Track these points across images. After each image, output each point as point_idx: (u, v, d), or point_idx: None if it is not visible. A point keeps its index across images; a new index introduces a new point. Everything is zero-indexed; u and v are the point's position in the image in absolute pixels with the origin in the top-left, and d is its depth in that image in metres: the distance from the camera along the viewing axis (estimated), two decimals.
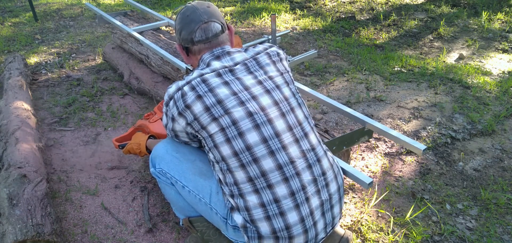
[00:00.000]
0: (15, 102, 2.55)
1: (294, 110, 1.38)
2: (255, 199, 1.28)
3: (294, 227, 1.29)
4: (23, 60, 3.40)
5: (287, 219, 1.28)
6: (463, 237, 1.85)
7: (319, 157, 1.37)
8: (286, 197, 1.28)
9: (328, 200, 1.37)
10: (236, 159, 1.29)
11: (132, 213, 1.97)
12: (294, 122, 1.36)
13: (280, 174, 1.28)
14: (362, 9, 5.61)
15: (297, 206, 1.29)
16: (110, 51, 3.45)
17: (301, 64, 3.72)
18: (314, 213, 1.32)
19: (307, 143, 1.36)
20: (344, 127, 2.72)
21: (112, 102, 3.01)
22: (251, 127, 1.29)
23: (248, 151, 1.28)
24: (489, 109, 2.92)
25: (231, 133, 1.29)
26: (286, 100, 1.37)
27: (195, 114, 1.31)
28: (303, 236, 1.31)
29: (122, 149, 1.99)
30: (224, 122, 1.29)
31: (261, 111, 1.31)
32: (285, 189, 1.28)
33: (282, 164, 1.29)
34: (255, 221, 1.29)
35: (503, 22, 4.84)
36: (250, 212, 1.29)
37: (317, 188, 1.34)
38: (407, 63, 3.74)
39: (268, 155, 1.28)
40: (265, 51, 1.47)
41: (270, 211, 1.28)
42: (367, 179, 1.51)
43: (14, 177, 1.80)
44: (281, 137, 1.31)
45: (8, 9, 5.67)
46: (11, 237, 1.52)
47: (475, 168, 2.32)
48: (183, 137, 1.47)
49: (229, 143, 1.29)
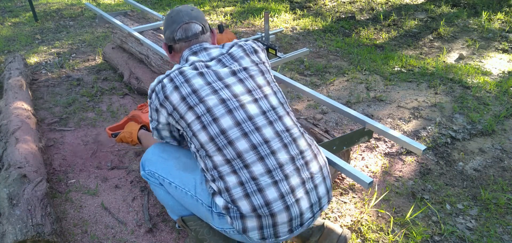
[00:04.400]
0: (15, 102, 2.55)
1: (267, 97, 1.43)
2: (234, 179, 1.32)
3: (274, 203, 1.30)
4: (23, 60, 3.40)
5: (266, 195, 1.30)
6: (463, 237, 1.85)
7: (294, 137, 1.40)
8: (263, 174, 1.31)
9: (310, 179, 1.38)
10: (213, 144, 1.34)
11: (132, 213, 1.97)
12: (267, 107, 1.41)
13: (255, 153, 1.33)
14: (362, 9, 5.61)
15: (276, 182, 1.32)
16: (110, 51, 3.45)
17: (301, 64, 3.72)
18: (296, 191, 1.33)
19: (281, 125, 1.40)
20: (344, 127, 2.72)
21: (112, 102, 3.01)
22: (224, 112, 1.35)
23: (223, 135, 1.34)
24: (489, 109, 2.92)
25: (206, 119, 1.35)
26: (259, 88, 1.44)
27: (174, 104, 1.39)
28: (285, 214, 1.31)
29: (115, 137, 2.01)
30: (199, 110, 1.36)
31: (233, 97, 1.38)
32: (261, 167, 1.32)
33: (256, 144, 1.34)
34: (235, 200, 1.32)
35: (503, 22, 4.84)
36: (230, 192, 1.32)
37: (295, 166, 1.36)
38: (407, 63, 3.74)
39: (242, 137, 1.34)
40: (239, 46, 1.54)
41: (248, 188, 1.31)
42: (367, 179, 1.51)
43: (14, 177, 1.80)
44: (254, 120, 1.36)
45: (8, 9, 5.67)
46: (11, 237, 1.52)
47: (475, 168, 2.32)
48: (165, 133, 1.53)
49: (205, 130, 1.35)
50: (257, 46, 1.57)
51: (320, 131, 1.88)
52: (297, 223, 1.35)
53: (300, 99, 3.10)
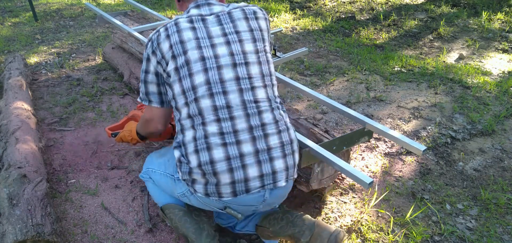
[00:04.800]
0: (15, 102, 2.55)
1: (248, 64, 1.44)
2: (191, 134, 1.39)
3: (218, 163, 1.35)
4: (23, 60, 3.40)
5: (212, 154, 1.36)
6: (463, 237, 1.85)
7: (260, 110, 1.42)
8: (215, 135, 1.37)
9: (265, 150, 1.39)
10: (183, 97, 1.41)
11: (132, 213, 1.97)
12: (243, 75, 1.42)
13: (214, 114, 1.38)
14: (362, 9, 5.61)
15: (225, 144, 1.36)
16: (110, 51, 3.45)
17: (301, 64, 3.72)
18: (245, 157, 1.37)
19: (251, 95, 1.42)
20: (344, 127, 2.72)
21: (112, 102, 3.01)
22: (200, 70, 1.40)
23: (193, 90, 1.39)
24: (489, 109, 2.92)
25: (183, 72, 1.40)
26: (243, 53, 1.44)
27: (163, 52, 1.44)
28: (228, 175, 1.36)
29: (114, 137, 2.01)
30: (179, 61, 1.41)
31: (214, 57, 1.41)
32: (215, 128, 1.37)
33: (217, 106, 1.38)
34: (187, 154, 1.39)
35: (503, 22, 4.84)
36: (185, 146, 1.40)
37: (251, 135, 1.39)
38: (407, 63, 3.74)
39: (208, 96, 1.39)
40: (241, 8, 1.54)
41: (199, 145, 1.37)
42: (367, 179, 1.51)
43: (14, 177, 1.80)
44: (224, 83, 1.40)
45: (8, 9, 5.67)
46: (11, 237, 1.52)
47: (475, 168, 2.32)
48: (153, 88, 1.54)
49: (180, 82, 1.41)
50: (260, 13, 1.55)
51: (320, 131, 1.88)
52: (241, 187, 1.38)
53: (300, 99, 3.10)
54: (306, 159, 1.67)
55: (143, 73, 1.53)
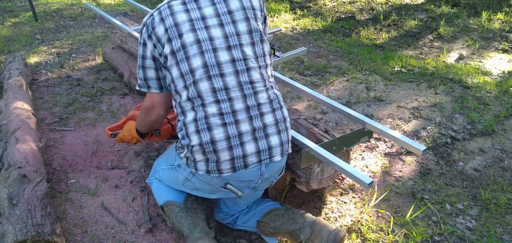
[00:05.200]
0: (15, 102, 2.55)
1: (242, 46, 1.48)
2: (191, 116, 1.45)
3: (219, 142, 1.42)
4: (23, 60, 3.40)
5: (213, 134, 1.42)
6: (463, 237, 1.85)
7: (256, 91, 1.48)
8: (215, 115, 1.43)
9: (261, 128, 1.46)
10: (182, 80, 1.45)
11: (132, 213, 1.97)
12: (238, 56, 1.47)
13: (213, 96, 1.43)
14: (362, 9, 5.61)
15: (225, 125, 1.43)
16: (110, 51, 3.45)
17: (301, 64, 3.72)
18: (243, 136, 1.44)
19: (247, 76, 1.47)
20: (344, 127, 2.72)
21: (112, 102, 3.01)
22: (197, 53, 1.43)
23: (191, 73, 1.43)
24: (489, 109, 2.92)
25: (180, 56, 1.44)
26: (237, 35, 1.48)
27: (158, 36, 1.46)
28: (227, 152, 1.43)
29: (114, 137, 2.00)
30: (175, 44, 1.44)
31: (209, 40, 1.45)
32: (215, 109, 1.43)
33: (216, 88, 1.44)
34: (189, 134, 1.45)
35: (503, 22, 4.84)
36: (186, 126, 1.46)
37: (249, 115, 1.46)
38: (407, 63, 3.74)
39: (206, 79, 1.43)
40: None
41: (200, 125, 1.43)
42: (367, 179, 1.51)
43: (14, 177, 1.80)
44: (221, 66, 1.45)
45: (8, 9, 5.67)
46: (11, 237, 1.52)
47: (475, 168, 2.32)
48: (151, 73, 1.54)
49: (177, 66, 1.44)
50: None
51: (320, 131, 1.88)
52: (239, 163, 1.45)
53: (300, 99, 3.10)
54: (306, 159, 1.67)
55: (140, 59, 1.54)
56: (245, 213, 1.78)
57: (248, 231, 1.85)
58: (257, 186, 1.57)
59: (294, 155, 1.78)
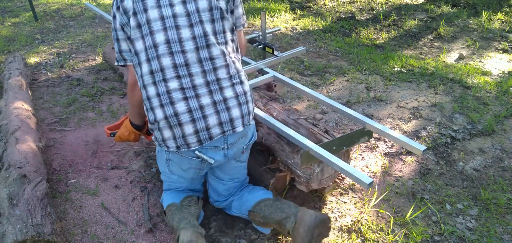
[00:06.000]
0: (15, 102, 2.55)
1: (203, 23, 1.55)
2: (153, 90, 1.52)
3: (182, 115, 1.51)
4: (23, 60, 3.40)
5: (175, 107, 1.51)
6: (463, 237, 1.85)
7: (215, 66, 1.56)
8: (176, 90, 1.51)
9: (222, 102, 1.55)
10: (145, 54, 1.52)
11: (132, 213, 1.97)
12: (199, 33, 1.54)
13: (174, 72, 1.51)
14: (362, 9, 5.61)
15: (186, 98, 1.52)
16: (110, 51, 3.45)
17: (301, 64, 3.72)
18: (205, 109, 1.53)
19: (206, 53, 1.55)
20: (344, 127, 2.72)
21: (112, 102, 3.01)
22: (160, 28, 1.51)
23: (155, 48, 1.51)
24: (489, 109, 2.92)
25: (145, 30, 1.51)
26: (197, 12, 1.55)
27: (125, 8, 1.52)
28: (191, 125, 1.52)
29: (113, 136, 2.00)
30: (141, 18, 1.50)
31: (172, 17, 1.52)
32: (177, 84, 1.51)
33: (177, 64, 1.52)
34: (153, 108, 1.53)
35: (503, 22, 4.84)
36: (150, 100, 1.53)
37: (209, 89, 1.54)
38: (407, 63, 3.74)
39: (168, 55, 1.51)
40: None
41: (163, 100, 1.52)
42: (367, 179, 1.51)
43: (14, 177, 1.80)
44: (183, 43, 1.53)
45: (8, 9, 5.67)
46: (11, 237, 1.52)
47: (475, 168, 2.32)
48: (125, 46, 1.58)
49: (142, 39, 1.51)
50: None
51: (320, 131, 1.88)
52: (205, 135, 1.54)
53: (300, 99, 3.10)
54: (306, 159, 1.67)
55: (113, 31, 1.59)
56: (238, 199, 1.85)
57: (248, 231, 1.85)
58: (227, 153, 1.65)
59: (294, 155, 1.78)
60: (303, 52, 2.56)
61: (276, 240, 1.82)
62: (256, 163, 2.03)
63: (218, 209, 1.97)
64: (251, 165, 1.98)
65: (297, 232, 1.57)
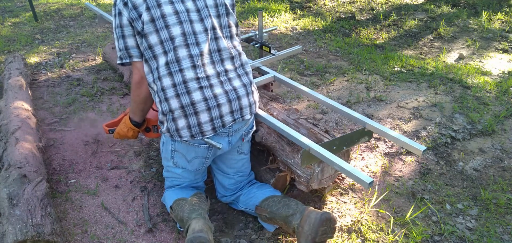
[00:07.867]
0: (15, 102, 2.55)
1: (211, 17, 1.66)
2: (169, 81, 1.57)
3: (198, 104, 1.58)
4: (23, 60, 3.40)
5: (192, 97, 1.57)
6: (463, 237, 1.85)
7: (222, 58, 1.67)
8: (192, 80, 1.58)
9: (232, 91, 1.64)
10: (161, 47, 1.57)
11: (132, 213, 1.97)
12: (209, 26, 1.65)
13: (190, 61, 1.59)
14: (362, 9, 5.61)
15: (201, 88, 1.59)
16: (110, 51, 3.45)
17: (301, 64, 3.72)
18: (218, 97, 1.60)
19: (215, 45, 1.66)
20: (344, 127, 2.72)
21: (112, 102, 3.01)
22: (176, 22, 1.58)
23: (171, 41, 1.57)
24: (489, 109, 2.92)
25: (160, 24, 1.56)
26: (206, 7, 1.66)
27: (135, 4, 1.55)
28: (207, 114, 1.59)
29: (112, 133, 2.01)
30: (155, 13, 1.56)
31: (185, 11, 1.61)
32: (192, 74, 1.58)
33: (193, 55, 1.59)
34: (168, 99, 1.57)
35: (503, 22, 4.84)
36: (165, 91, 1.57)
37: (219, 79, 1.64)
38: (407, 63, 3.74)
39: (184, 46, 1.58)
40: None
41: (179, 90, 1.57)
42: (367, 179, 1.51)
43: (14, 177, 1.80)
44: (197, 35, 1.62)
45: (8, 9, 5.67)
46: (11, 237, 1.52)
47: (475, 168, 2.32)
48: (131, 42, 1.60)
49: (157, 33, 1.56)
50: None
51: (320, 131, 1.88)
52: (218, 123, 1.61)
53: (300, 99, 3.10)
54: (306, 159, 1.67)
55: (118, 29, 1.59)
56: (246, 194, 1.87)
57: (248, 231, 1.85)
58: (231, 139, 1.72)
59: (294, 154, 1.78)
60: (300, 50, 2.57)
61: (276, 240, 1.82)
62: (256, 163, 2.03)
63: (219, 210, 1.97)
64: (251, 165, 1.99)
65: (301, 228, 1.59)
